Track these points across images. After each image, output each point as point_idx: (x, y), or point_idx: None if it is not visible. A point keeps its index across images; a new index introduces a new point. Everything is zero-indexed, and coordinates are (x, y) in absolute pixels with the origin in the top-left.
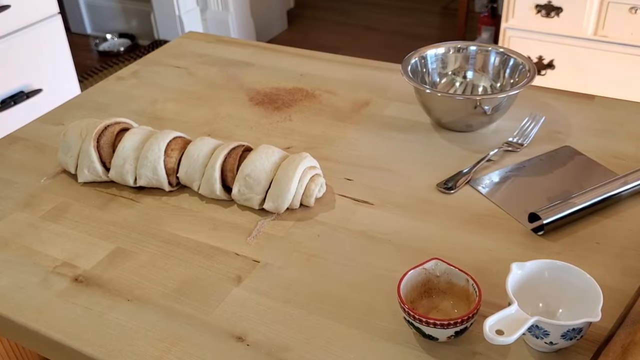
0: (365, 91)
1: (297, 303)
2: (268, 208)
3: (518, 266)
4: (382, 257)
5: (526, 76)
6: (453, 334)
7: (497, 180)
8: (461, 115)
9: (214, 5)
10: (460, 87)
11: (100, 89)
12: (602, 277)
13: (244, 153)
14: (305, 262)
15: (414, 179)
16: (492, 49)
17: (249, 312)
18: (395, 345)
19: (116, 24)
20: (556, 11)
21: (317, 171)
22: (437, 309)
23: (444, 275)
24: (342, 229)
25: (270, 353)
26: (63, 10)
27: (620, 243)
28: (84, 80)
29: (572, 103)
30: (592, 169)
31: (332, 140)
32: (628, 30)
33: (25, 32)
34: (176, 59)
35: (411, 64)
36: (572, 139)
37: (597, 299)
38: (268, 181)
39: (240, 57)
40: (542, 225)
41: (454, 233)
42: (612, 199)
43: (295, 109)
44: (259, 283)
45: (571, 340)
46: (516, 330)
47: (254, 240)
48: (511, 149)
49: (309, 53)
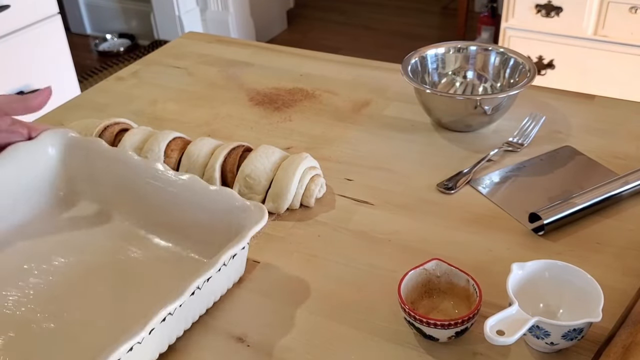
0: (365, 91)
1: (298, 303)
2: (268, 208)
3: (519, 266)
4: (382, 257)
5: (526, 76)
6: (454, 335)
7: (497, 180)
8: (461, 115)
9: (214, 5)
10: (460, 87)
11: (99, 89)
12: (603, 277)
13: (244, 153)
14: (305, 262)
15: (414, 179)
16: (492, 49)
17: (249, 312)
18: (396, 345)
19: (116, 24)
20: (556, 11)
21: (317, 171)
22: (437, 310)
23: (445, 276)
24: (342, 229)
25: (271, 354)
26: (63, 10)
27: (621, 243)
28: (84, 81)
29: (572, 103)
30: (592, 169)
31: (332, 140)
32: (628, 30)
33: (25, 32)
34: (176, 59)
35: (411, 64)
36: (573, 139)
37: (598, 299)
38: (268, 181)
39: (240, 57)
40: (543, 225)
41: (454, 233)
42: (612, 199)
43: (295, 109)
44: (260, 283)
45: (572, 341)
46: (517, 330)
47: (254, 240)
48: (511, 149)
49: (309, 53)
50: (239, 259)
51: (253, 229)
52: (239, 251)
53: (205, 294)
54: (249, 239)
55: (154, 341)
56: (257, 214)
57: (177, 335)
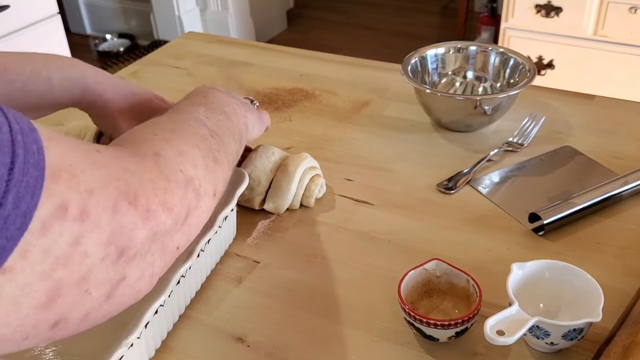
0: (365, 91)
1: (298, 303)
2: (268, 209)
3: (519, 266)
4: (382, 258)
5: (526, 76)
6: (454, 335)
7: (497, 180)
8: (461, 115)
9: (214, 5)
10: (460, 87)
11: None
12: (603, 277)
13: (244, 153)
14: (305, 262)
15: (414, 179)
16: (492, 49)
17: (249, 312)
18: (396, 345)
19: (116, 24)
20: (556, 11)
21: (317, 171)
22: (437, 310)
23: (445, 276)
24: (342, 229)
25: (271, 354)
26: (62, 10)
27: (621, 243)
28: None
29: (572, 103)
30: (592, 169)
31: (332, 140)
32: (628, 30)
33: (25, 32)
34: (176, 60)
35: (411, 64)
36: (572, 139)
37: (598, 299)
38: (268, 181)
39: (240, 57)
40: (543, 225)
41: (454, 233)
42: (612, 198)
43: (295, 109)
44: (260, 283)
45: (572, 341)
46: (517, 330)
47: (254, 240)
48: (511, 149)
49: (309, 53)
50: (230, 220)
51: (238, 190)
52: (229, 213)
53: (209, 254)
54: (236, 200)
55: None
56: (239, 177)
57: (196, 289)
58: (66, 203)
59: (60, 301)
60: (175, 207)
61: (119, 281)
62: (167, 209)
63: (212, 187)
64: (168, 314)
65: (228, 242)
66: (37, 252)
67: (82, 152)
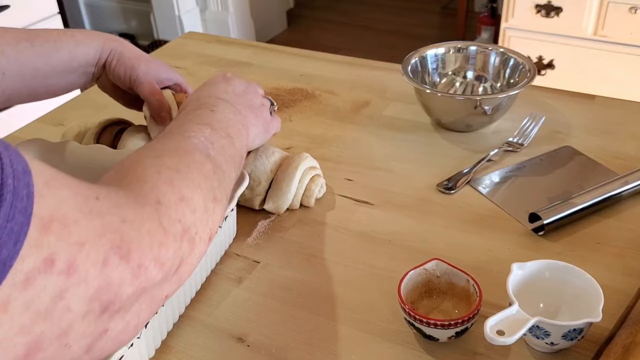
0: (365, 91)
1: (298, 303)
2: (268, 209)
3: (519, 266)
4: (382, 257)
5: (526, 76)
6: (454, 335)
7: (497, 180)
8: (461, 115)
9: (214, 5)
10: (460, 87)
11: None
12: (603, 277)
13: None
14: (305, 262)
15: (414, 179)
16: (492, 49)
17: (249, 312)
18: (396, 345)
19: (116, 24)
20: (556, 11)
21: (317, 171)
22: (437, 310)
23: (445, 276)
24: (342, 229)
25: (271, 353)
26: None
27: (621, 243)
28: None
29: (572, 103)
30: (592, 169)
31: (332, 140)
32: (628, 30)
33: None
34: (176, 59)
35: (411, 64)
36: (572, 139)
37: (598, 299)
38: (268, 181)
39: (240, 57)
40: (543, 225)
41: (454, 233)
42: (612, 199)
43: (295, 109)
44: (260, 283)
45: (572, 341)
46: (517, 330)
47: (254, 240)
48: (511, 149)
49: (309, 53)
50: (230, 220)
51: (238, 190)
52: (229, 213)
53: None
54: (236, 200)
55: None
56: (239, 178)
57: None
58: (53, 256)
59: (40, 356)
60: (167, 262)
61: (101, 334)
62: (160, 263)
63: (208, 232)
64: (168, 313)
65: (228, 242)
66: (18, 305)
67: (79, 200)
